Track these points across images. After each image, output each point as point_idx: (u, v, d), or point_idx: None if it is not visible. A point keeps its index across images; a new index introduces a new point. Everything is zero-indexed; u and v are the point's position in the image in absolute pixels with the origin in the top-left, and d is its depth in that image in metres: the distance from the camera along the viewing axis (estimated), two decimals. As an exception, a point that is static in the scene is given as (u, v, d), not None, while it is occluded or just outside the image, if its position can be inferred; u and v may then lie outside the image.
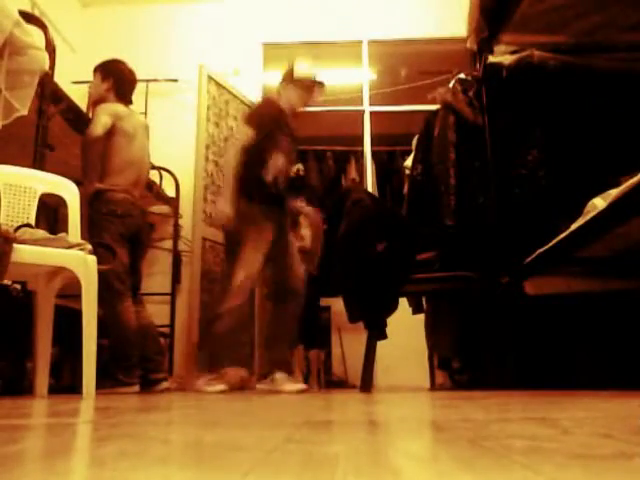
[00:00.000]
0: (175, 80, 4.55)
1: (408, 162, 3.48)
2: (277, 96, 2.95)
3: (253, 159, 2.73)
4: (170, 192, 4.13)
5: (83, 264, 2.09)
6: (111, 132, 2.75)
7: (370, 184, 4.64)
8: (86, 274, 2.09)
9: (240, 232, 2.68)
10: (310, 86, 2.91)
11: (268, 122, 2.78)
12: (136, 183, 2.87)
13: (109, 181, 2.75)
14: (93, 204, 2.71)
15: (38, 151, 2.40)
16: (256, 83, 4.67)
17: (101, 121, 2.72)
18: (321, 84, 2.95)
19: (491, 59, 2.73)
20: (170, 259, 4.19)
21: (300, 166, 3.22)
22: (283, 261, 2.78)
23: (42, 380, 2.28)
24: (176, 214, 4.17)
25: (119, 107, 2.87)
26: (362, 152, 4.75)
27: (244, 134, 2.78)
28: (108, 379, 2.54)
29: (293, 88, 2.89)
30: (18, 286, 2.44)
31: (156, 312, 3.47)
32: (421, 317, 3.17)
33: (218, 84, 4.06)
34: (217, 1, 4.84)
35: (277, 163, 2.74)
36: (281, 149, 2.78)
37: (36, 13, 3.59)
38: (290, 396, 2.12)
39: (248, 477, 0.39)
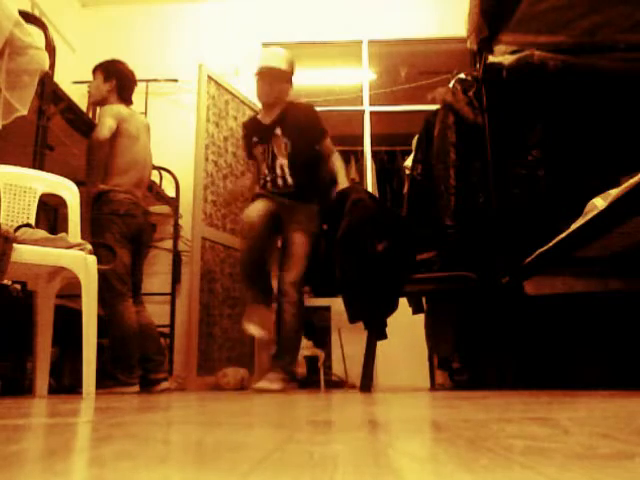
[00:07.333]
0: (175, 80, 4.56)
1: (408, 162, 3.48)
2: None
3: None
4: (170, 192, 4.14)
5: (83, 264, 2.09)
6: (116, 134, 2.76)
7: (370, 184, 4.64)
8: (86, 274, 2.09)
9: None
10: (258, 74, 2.93)
11: (244, 149, 3.11)
12: (139, 183, 2.88)
13: (112, 182, 2.75)
14: (95, 204, 2.71)
15: (38, 151, 2.40)
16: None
17: (107, 123, 2.72)
18: (266, 69, 2.90)
19: (491, 59, 2.73)
20: (170, 259, 4.19)
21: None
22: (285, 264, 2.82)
23: (42, 380, 2.28)
24: (176, 214, 4.17)
25: (122, 108, 2.88)
26: (362, 152, 4.75)
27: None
28: (108, 379, 2.54)
29: (256, 80, 2.98)
30: (18, 286, 2.45)
31: (156, 312, 3.47)
32: (421, 317, 3.17)
33: (218, 84, 4.06)
34: (217, 1, 4.84)
35: (261, 174, 2.93)
36: (259, 159, 2.95)
37: (36, 13, 3.59)
38: (290, 396, 2.12)
39: (248, 477, 0.39)
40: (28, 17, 2.48)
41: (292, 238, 2.77)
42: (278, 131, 2.88)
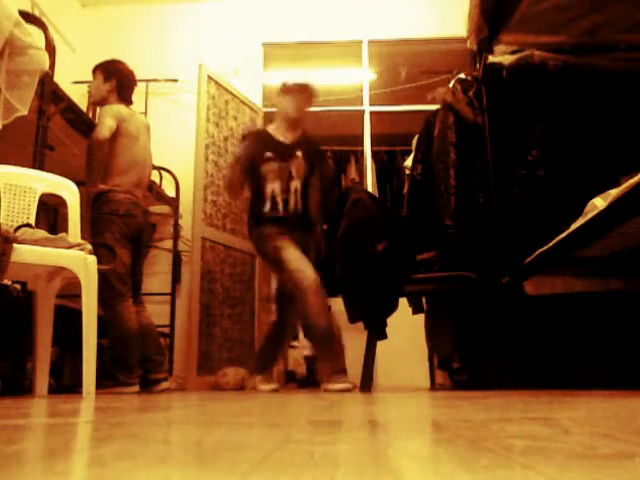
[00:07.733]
0: (175, 80, 4.56)
1: (408, 162, 3.48)
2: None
3: (253, 197, 2.85)
4: (170, 192, 4.14)
5: (83, 264, 2.09)
6: (116, 134, 2.76)
7: (370, 184, 4.64)
8: (86, 274, 2.09)
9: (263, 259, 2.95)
10: (293, 90, 2.88)
11: (247, 158, 2.84)
12: (139, 183, 2.88)
13: (112, 182, 2.75)
14: (95, 204, 2.71)
15: (38, 151, 2.40)
16: (256, 83, 4.68)
17: (107, 123, 2.72)
18: (303, 86, 2.89)
19: (491, 59, 2.73)
20: (170, 259, 4.19)
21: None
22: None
23: (42, 380, 2.28)
24: (176, 214, 4.17)
25: (122, 108, 2.88)
26: (362, 152, 4.75)
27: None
28: (108, 379, 2.54)
29: (283, 97, 2.91)
30: (18, 286, 2.44)
31: (156, 312, 3.47)
32: (421, 317, 3.17)
33: (218, 84, 4.06)
34: (217, 1, 4.84)
35: (270, 191, 2.76)
36: (269, 176, 2.77)
37: (36, 13, 3.59)
38: (290, 396, 2.13)
39: (248, 477, 0.39)
40: (28, 17, 2.48)
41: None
42: (299, 153, 2.84)
